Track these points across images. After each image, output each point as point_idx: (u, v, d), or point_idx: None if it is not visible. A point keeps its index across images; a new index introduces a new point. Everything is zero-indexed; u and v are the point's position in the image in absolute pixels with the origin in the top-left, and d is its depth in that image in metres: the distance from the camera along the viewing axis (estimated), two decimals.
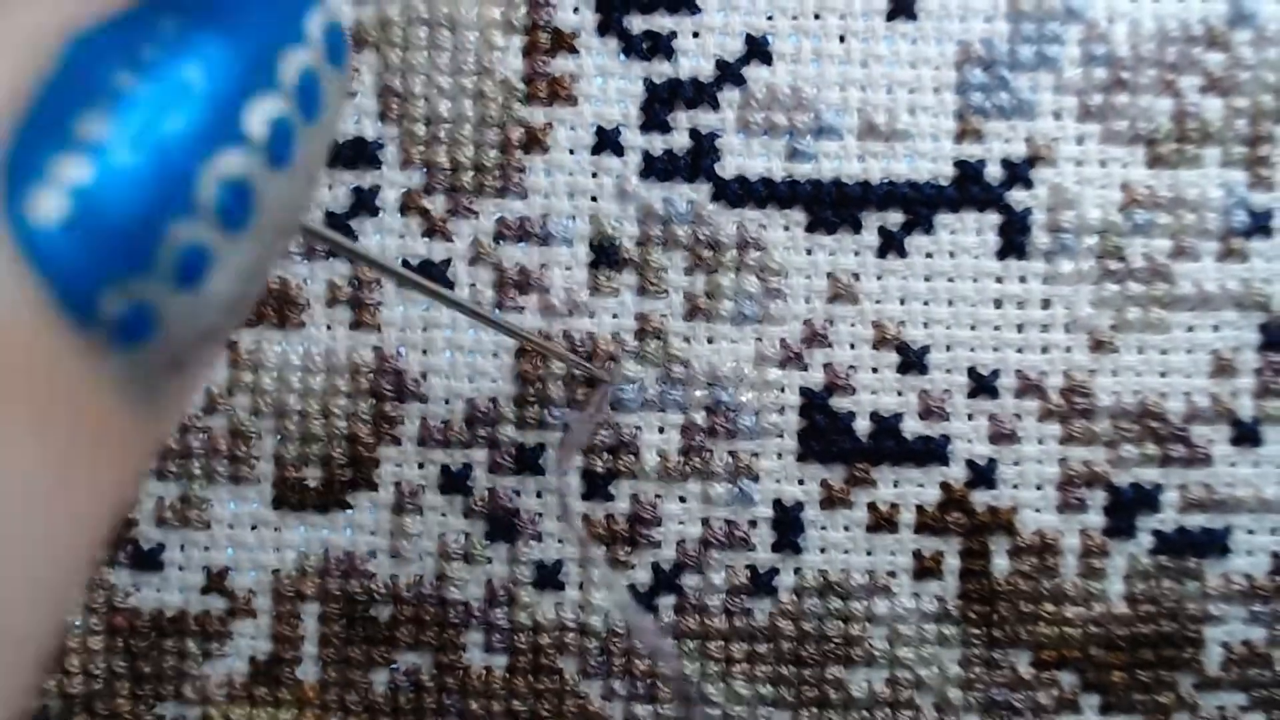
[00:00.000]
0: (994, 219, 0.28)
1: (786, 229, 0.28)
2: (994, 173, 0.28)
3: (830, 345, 0.28)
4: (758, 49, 0.28)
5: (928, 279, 0.28)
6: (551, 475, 0.27)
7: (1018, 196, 0.28)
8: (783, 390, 0.28)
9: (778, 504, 0.28)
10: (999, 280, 0.28)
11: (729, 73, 0.28)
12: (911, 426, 0.28)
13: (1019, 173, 0.28)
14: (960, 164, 0.28)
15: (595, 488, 0.28)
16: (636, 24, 0.28)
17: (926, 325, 0.28)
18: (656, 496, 0.28)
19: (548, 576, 0.28)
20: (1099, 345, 0.28)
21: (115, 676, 0.28)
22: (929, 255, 0.28)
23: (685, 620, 0.28)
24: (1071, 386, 0.28)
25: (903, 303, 0.28)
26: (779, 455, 0.28)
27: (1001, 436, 0.28)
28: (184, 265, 0.11)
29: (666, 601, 0.28)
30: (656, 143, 0.28)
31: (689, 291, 0.28)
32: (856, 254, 0.28)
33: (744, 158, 0.28)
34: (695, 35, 0.28)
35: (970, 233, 0.28)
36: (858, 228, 0.28)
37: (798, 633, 0.28)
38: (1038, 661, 0.28)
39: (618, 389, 0.28)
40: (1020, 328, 0.28)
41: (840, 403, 0.28)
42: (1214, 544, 0.28)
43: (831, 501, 0.28)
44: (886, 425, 0.28)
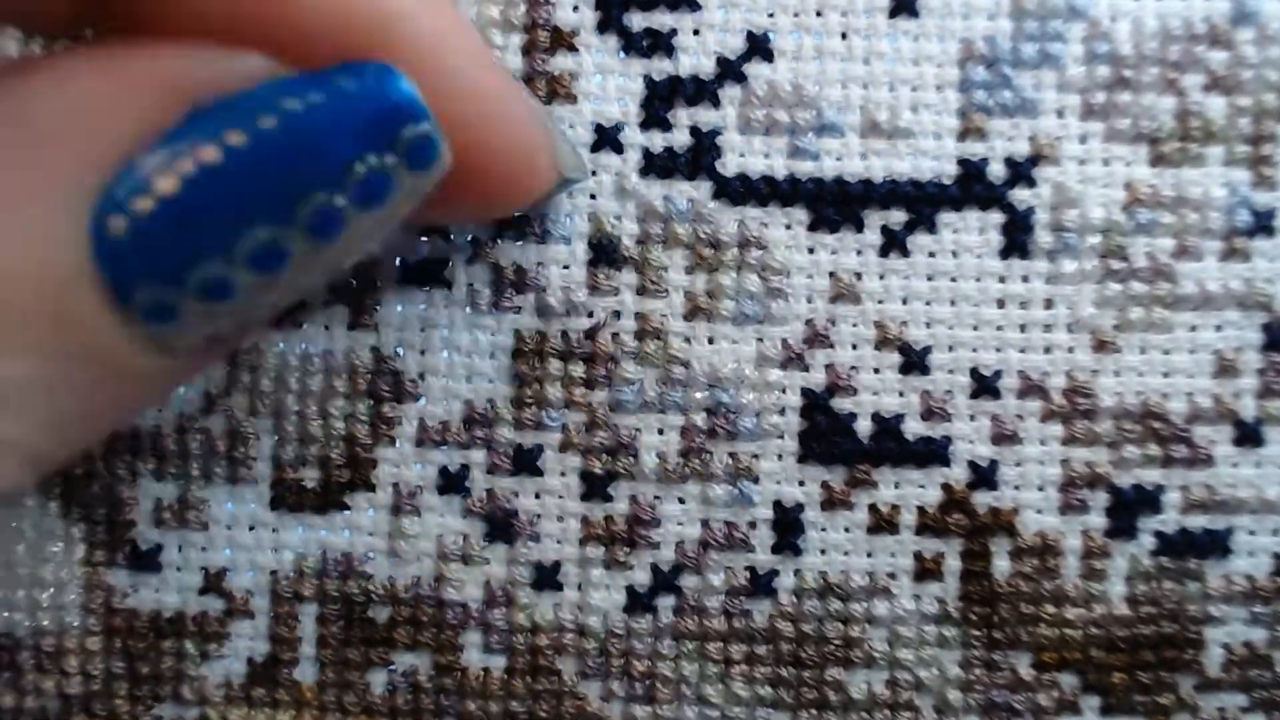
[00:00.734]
0: (997, 218, 0.28)
1: (788, 227, 0.28)
2: (997, 171, 0.28)
3: (832, 345, 0.28)
4: (759, 46, 0.28)
5: (930, 278, 0.28)
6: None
7: (1021, 195, 0.28)
8: (784, 391, 0.28)
9: (778, 505, 0.28)
10: (1002, 280, 0.28)
11: (730, 70, 0.28)
12: (913, 427, 0.28)
13: (1022, 171, 0.28)
14: (963, 162, 0.28)
15: (594, 489, 0.28)
16: (636, 21, 0.28)
17: (929, 325, 0.28)
18: (655, 498, 0.28)
19: (546, 577, 0.28)
20: (1102, 345, 0.28)
21: (113, 677, 0.28)
22: (932, 254, 0.28)
23: (684, 621, 0.28)
24: (1074, 387, 0.28)
25: (905, 302, 0.28)
26: (779, 456, 0.28)
27: (1003, 437, 0.28)
28: (210, 289, 0.15)
29: (665, 602, 0.28)
30: (656, 140, 0.28)
31: (689, 291, 0.28)
32: (859, 253, 0.28)
33: (745, 155, 0.28)
34: (696, 32, 0.28)
35: (973, 232, 0.28)
36: (860, 226, 0.28)
37: (797, 634, 0.28)
38: (1038, 663, 0.28)
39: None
40: (1023, 328, 0.28)
41: (842, 404, 0.28)
42: (1215, 545, 0.28)
43: (832, 503, 0.28)
44: (888, 426, 0.28)
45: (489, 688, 0.28)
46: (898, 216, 0.28)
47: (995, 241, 0.28)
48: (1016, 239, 0.28)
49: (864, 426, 0.28)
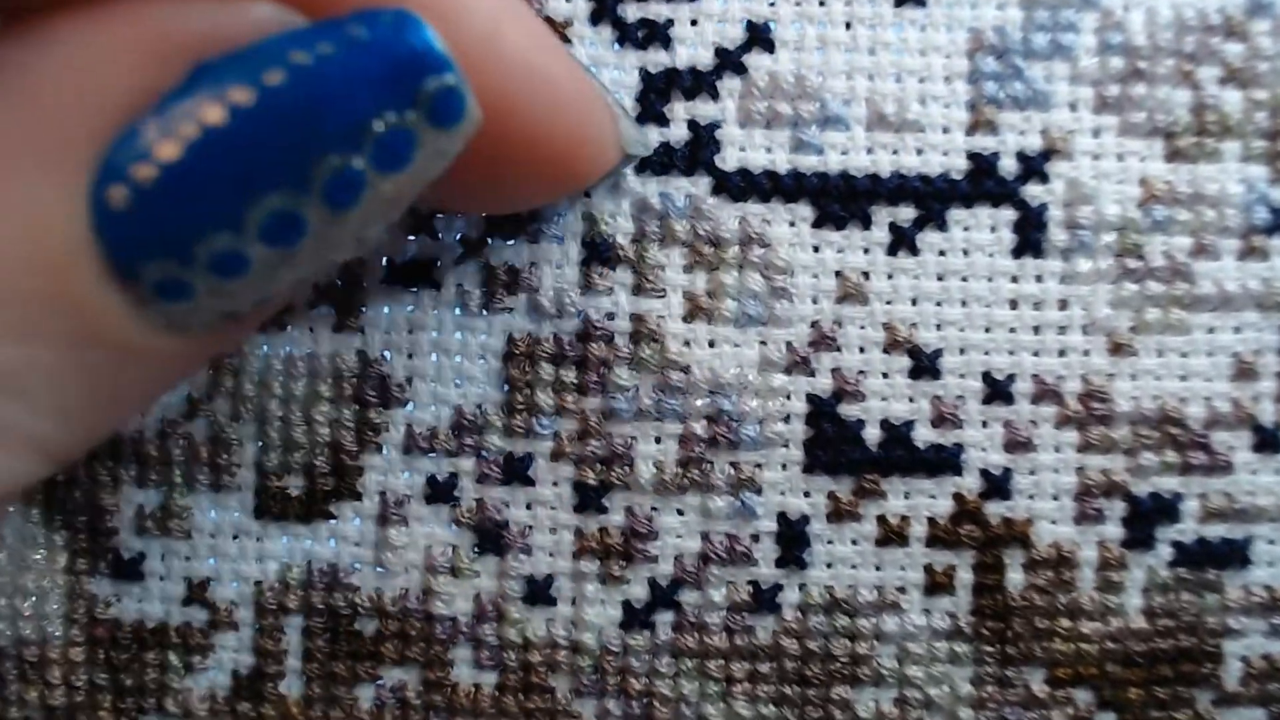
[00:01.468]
0: (1009, 215, 0.27)
1: (792, 224, 0.27)
2: (1008, 166, 0.27)
3: (839, 349, 0.27)
4: (759, 36, 0.27)
5: (941, 278, 0.27)
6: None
7: (1033, 191, 0.27)
8: (788, 397, 0.27)
9: (782, 517, 0.27)
10: (1015, 279, 0.27)
11: (729, 61, 0.27)
12: (923, 435, 0.27)
13: (1034, 166, 0.27)
14: (973, 156, 0.27)
15: (588, 500, 0.27)
16: (631, 11, 0.27)
17: (939, 327, 0.27)
18: (653, 509, 0.27)
19: (538, 591, 0.27)
20: (1118, 348, 0.27)
21: (96, 689, 0.28)
22: (942, 253, 0.27)
23: (684, 638, 0.27)
24: (1089, 391, 0.27)
25: (915, 303, 0.27)
26: (784, 466, 0.27)
27: (1017, 445, 0.27)
28: (222, 264, 0.14)
29: (664, 618, 0.27)
30: (653, 135, 0.27)
31: (689, 291, 0.27)
32: (866, 251, 0.27)
33: (746, 150, 0.27)
34: (693, 22, 0.27)
35: (984, 229, 0.27)
36: (867, 223, 0.27)
37: (802, 651, 0.28)
38: (1053, 679, 0.27)
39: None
40: (1037, 329, 0.27)
41: (849, 410, 0.27)
42: (1234, 555, 0.27)
43: (839, 514, 0.27)
44: (897, 433, 0.27)
45: (480, 705, 0.28)
46: (906, 213, 0.27)
47: (1007, 239, 0.27)
48: (1030, 237, 0.27)
49: (872, 434, 0.27)
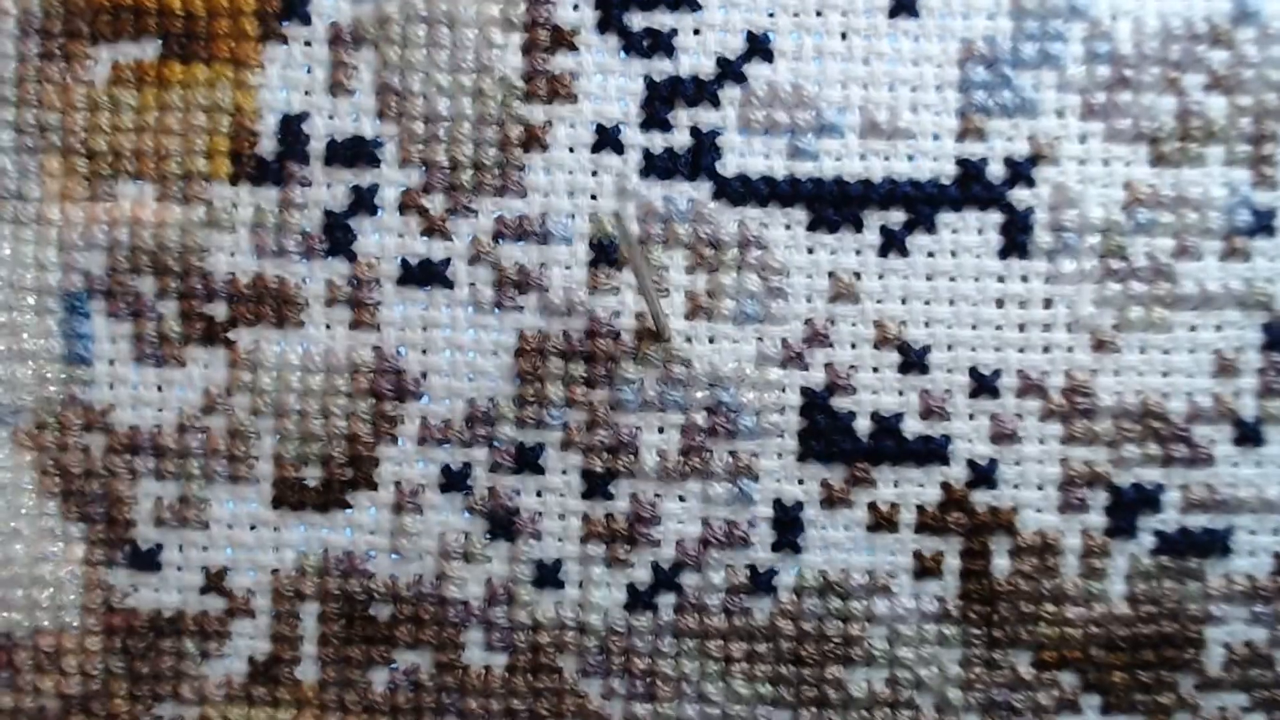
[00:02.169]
0: (996, 218, 0.28)
1: (788, 227, 0.28)
2: (996, 171, 0.28)
3: (831, 345, 0.28)
4: (759, 46, 0.28)
5: (929, 278, 0.28)
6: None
7: (1020, 195, 0.28)
8: (784, 390, 0.28)
9: (778, 504, 0.28)
10: (1001, 280, 0.28)
11: (730, 70, 0.28)
12: (912, 426, 0.28)
13: (1021, 171, 0.28)
14: (962, 162, 0.28)
15: (595, 487, 0.28)
16: (637, 21, 0.28)
17: (928, 325, 0.28)
18: (656, 496, 0.28)
19: (547, 575, 0.28)
20: (1101, 345, 0.28)
21: (113, 677, 0.28)
22: (931, 254, 0.28)
23: (685, 619, 0.28)
24: (1073, 386, 0.28)
25: (904, 302, 0.28)
26: (779, 455, 0.28)
27: (1002, 436, 0.28)
28: None
29: (666, 600, 0.28)
30: (657, 141, 0.28)
31: (690, 290, 0.28)
32: (858, 253, 0.28)
33: (745, 156, 0.28)
34: (696, 32, 0.28)
35: (972, 232, 0.28)
36: (859, 226, 0.28)
37: (797, 632, 0.28)
38: (1038, 662, 0.28)
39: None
40: (1022, 327, 0.28)
41: (841, 402, 0.28)
42: (1216, 544, 0.28)
43: (832, 501, 0.28)
44: (887, 425, 0.28)
45: (490, 686, 0.28)
46: (897, 217, 0.28)
47: (994, 241, 0.28)
48: (1016, 239, 0.28)
49: (863, 425, 0.28)
